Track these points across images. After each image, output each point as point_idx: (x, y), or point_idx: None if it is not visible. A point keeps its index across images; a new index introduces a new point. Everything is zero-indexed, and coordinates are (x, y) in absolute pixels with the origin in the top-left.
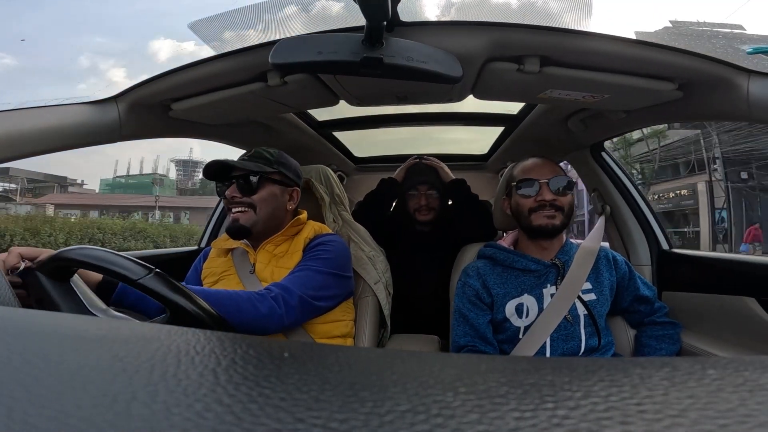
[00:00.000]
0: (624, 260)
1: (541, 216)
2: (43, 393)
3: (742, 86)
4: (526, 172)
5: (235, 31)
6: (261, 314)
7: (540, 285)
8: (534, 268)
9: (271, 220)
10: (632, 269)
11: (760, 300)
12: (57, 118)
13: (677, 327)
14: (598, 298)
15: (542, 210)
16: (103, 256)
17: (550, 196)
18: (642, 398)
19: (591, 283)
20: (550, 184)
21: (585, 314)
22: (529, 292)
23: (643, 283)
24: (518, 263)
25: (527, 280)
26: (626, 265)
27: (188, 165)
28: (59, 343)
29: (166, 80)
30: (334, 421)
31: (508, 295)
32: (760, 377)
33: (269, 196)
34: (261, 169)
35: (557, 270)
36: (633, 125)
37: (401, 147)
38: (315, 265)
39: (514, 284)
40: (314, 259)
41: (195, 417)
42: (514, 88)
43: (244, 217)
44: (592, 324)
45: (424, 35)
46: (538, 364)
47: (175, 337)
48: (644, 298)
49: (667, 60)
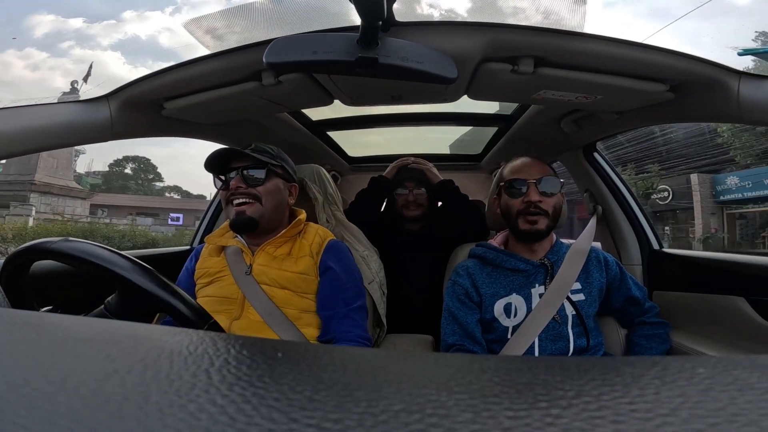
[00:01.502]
0: (615, 261)
1: (525, 221)
2: (33, 394)
3: (732, 87)
4: (515, 172)
5: (229, 29)
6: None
7: (528, 285)
8: (522, 268)
9: (275, 214)
10: (623, 270)
11: (750, 299)
12: (48, 117)
13: (667, 327)
14: (587, 299)
15: (527, 215)
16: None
17: (537, 197)
18: (633, 397)
19: (581, 284)
20: (537, 184)
21: (573, 314)
22: (517, 291)
23: (634, 284)
24: (507, 263)
25: (516, 280)
26: (617, 266)
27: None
28: (50, 344)
29: (158, 79)
30: (328, 421)
31: (497, 294)
32: (750, 376)
33: (274, 189)
34: (268, 161)
35: (546, 270)
36: (625, 126)
37: (396, 147)
38: (360, 297)
39: (503, 284)
40: (354, 288)
41: (188, 418)
42: (508, 88)
43: (250, 208)
44: (581, 324)
45: (419, 35)
46: (531, 363)
47: (168, 337)
48: (635, 299)
49: (659, 61)
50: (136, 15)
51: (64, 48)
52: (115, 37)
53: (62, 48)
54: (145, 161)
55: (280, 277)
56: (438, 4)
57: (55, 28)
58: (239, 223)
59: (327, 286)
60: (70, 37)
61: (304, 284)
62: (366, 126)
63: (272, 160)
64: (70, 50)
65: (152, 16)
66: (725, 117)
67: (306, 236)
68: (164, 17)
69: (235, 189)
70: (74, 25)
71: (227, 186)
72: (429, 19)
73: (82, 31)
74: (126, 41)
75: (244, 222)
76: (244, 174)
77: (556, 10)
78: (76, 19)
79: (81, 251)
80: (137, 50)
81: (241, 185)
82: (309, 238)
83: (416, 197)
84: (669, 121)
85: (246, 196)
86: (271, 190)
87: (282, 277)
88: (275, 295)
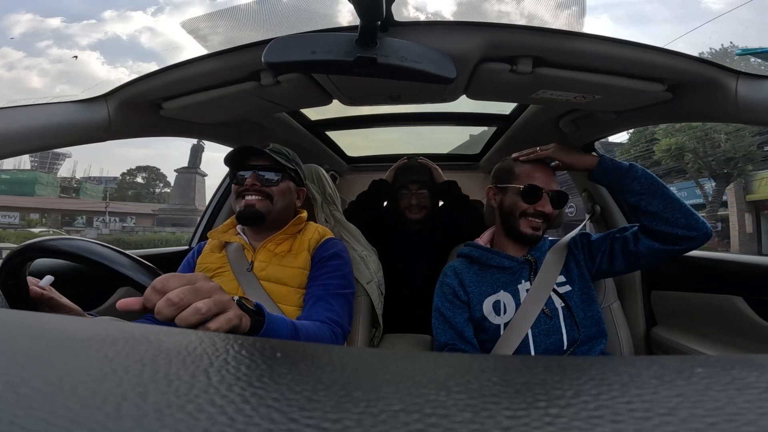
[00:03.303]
0: (579, 234)
1: (528, 225)
2: (31, 394)
3: (730, 87)
4: (531, 178)
5: (227, 29)
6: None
7: (515, 281)
8: (508, 265)
9: (282, 214)
10: (590, 236)
11: (748, 299)
12: (46, 117)
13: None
14: (573, 288)
15: (534, 218)
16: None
17: (550, 209)
18: (632, 396)
19: (564, 276)
20: (551, 195)
21: (563, 306)
22: (504, 288)
23: (601, 236)
24: (492, 260)
25: (502, 277)
26: (583, 237)
27: (47, 156)
28: (48, 344)
29: (156, 79)
30: (327, 421)
31: (484, 293)
32: (748, 375)
33: (286, 190)
34: (286, 163)
35: (530, 266)
36: (623, 126)
37: (394, 147)
38: (344, 288)
39: (490, 282)
40: (340, 278)
41: (187, 418)
42: (506, 88)
43: (260, 203)
44: (571, 316)
45: (418, 35)
46: (529, 363)
47: (166, 337)
48: (611, 235)
49: (657, 61)
50: (116, 15)
51: (41, 47)
52: (94, 36)
53: (39, 47)
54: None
55: (280, 274)
56: (436, 4)
57: (32, 27)
58: (247, 215)
59: (313, 275)
60: (47, 36)
61: (302, 278)
62: (365, 126)
63: (288, 164)
64: (47, 50)
65: (134, 16)
66: (723, 117)
67: (305, 233)
68: (146, 17)
69: (249, 186)
70: (52, 25)
71: (242, 181)
72: (427, 19)
73: (60, 31)
74: (106, 41)
75: (252, 214)
76: (260, 174)
77: (554, 10)
78: (55, 19)
79: (79, 248)
80: (118, 50)
81: (256, 183)
82: (308, 235)
83: (419, 198)
84: (667, 121)
85: (259, 194)
86: (283, 191)
87: (282, 273)
88: (274, 291)
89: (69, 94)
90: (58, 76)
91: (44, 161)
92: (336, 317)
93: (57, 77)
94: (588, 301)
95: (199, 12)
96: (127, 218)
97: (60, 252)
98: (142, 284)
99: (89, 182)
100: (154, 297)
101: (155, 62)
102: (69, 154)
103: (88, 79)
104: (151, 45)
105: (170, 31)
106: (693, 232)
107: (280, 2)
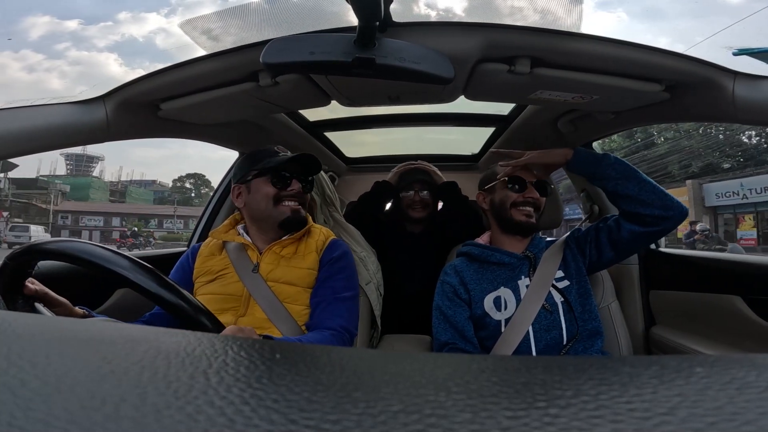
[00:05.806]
0: (571, 233)
1: (521, 213)
2: (29, 396)
3: (727, 87)
4: (516, 171)
5: (225, 30)
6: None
7: (515, 277)
8: (508, 261)
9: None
10: (578, 231)
11: (746, 298)
12: (43, 118)
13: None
14: (572, 283)
15: (524, 206)
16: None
17: (536, 194)
18: (631, 396)
19: (562, 271)
20: (534, 184)
21: (562, 301)
22: (505, 284)
23: (586, 228)
24: (493, 257)
25: (502, 274)
26: (575, 232)
27: (82, 160)
28: (46, 346)
29: (155, 80)
30: (326, 422)
31: (485, 289)
32: (747, 375)
33: (309, 197)
34: (316, 174)
35: (529, 262)
36: (621, 126)
37: (393, 147)
38: (350, 290)
39: (490, 278)
40: (347, 280)
41: (186, 419)
42: (504, 88)
43: (302, 210)
44: (570, 311)
45: (416, 36)
46: (529, 363)
47: (165, 338)
48: (595, 228)
49: (654, 61)
50: (131, 16)
51: (59, 50)
52: (111, 38)
53: (58, 50)
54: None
55: (289, 275)
56: (435, 4)
57: (50, 30)
58: (295, 219)
59: (321, 277)
60: (65, 38)
61: (310, 278)
62: (363, 126)
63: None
64: (66, 52)
65: (148, 18)
66: (721, 117)
67: (312, 236)
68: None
69: (297, 192)
70: (70, 27)
71: (287, 185)
72: (426, 20)
73: (77, 33)
74: (123, 43)
75: (300, 220)
76: (304, 182)
77: (552, 10)
78: (72, 21)
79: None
80: (134, 51)
81: (300, 190)
82: (315, 236)
83: (422, 198)
84: (665, 121)
85: (300, 201)
86: (309, 199)
87: (291, 273)
88: (282, 291)
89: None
90: (77, 77)
91: (79, 165)
92: (346, 323)
93: (77, 79)
94: (585, 295)
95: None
96: (189, 221)
97: (60, 254)
98: (140, 285)
99: (132, 185)
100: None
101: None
102: (102, 157)
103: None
104: (165, 45)
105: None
106: (669, 211)
107: (286, 1)
